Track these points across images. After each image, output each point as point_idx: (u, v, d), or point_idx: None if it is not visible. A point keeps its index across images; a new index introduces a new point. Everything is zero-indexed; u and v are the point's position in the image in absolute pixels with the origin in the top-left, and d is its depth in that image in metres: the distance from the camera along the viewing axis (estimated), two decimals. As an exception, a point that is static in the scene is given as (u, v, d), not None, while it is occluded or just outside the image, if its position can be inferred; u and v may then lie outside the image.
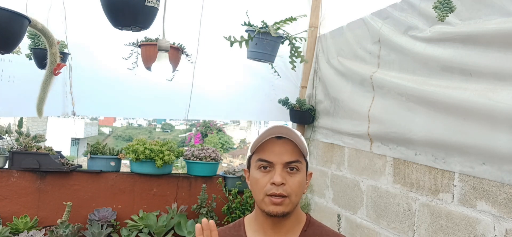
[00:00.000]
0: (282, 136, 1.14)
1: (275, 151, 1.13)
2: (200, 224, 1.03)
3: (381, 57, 2.23)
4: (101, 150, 3.15)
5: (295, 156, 1.13)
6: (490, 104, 1.54)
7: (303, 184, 1.16)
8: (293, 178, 1.13)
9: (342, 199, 2.58)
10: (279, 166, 1.12)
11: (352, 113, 2.45)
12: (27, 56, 2.62)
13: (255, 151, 1.17)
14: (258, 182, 1.14)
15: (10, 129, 3.03)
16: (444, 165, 1.80)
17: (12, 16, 1.34)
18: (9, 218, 2.87)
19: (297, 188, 1.13)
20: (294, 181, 1.13)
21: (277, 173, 1.11)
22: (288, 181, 1.12)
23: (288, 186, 1.12)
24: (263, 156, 1.14)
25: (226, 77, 3.14)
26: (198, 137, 15.42)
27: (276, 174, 1.11)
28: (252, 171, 1.18)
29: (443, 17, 1.36)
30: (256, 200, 1.17)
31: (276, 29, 2.26)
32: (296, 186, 1.13)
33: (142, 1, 1.43)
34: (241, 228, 1.25)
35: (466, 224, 1.69)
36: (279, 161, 1.12)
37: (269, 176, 1.13)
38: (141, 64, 2.53)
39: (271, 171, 1.13)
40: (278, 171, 1.12)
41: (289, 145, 1.14)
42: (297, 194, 1.14)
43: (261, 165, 1.14)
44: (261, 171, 1.14)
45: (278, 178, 1.10)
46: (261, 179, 1.14)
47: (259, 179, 1.14)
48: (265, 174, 1.14)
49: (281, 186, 1.11)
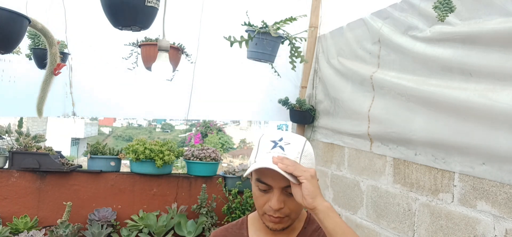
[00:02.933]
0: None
1: (273, 175, 1.07)
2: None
3: (381, 57, 2.23)
4: (101, 150, 3.15)
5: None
6: (490, 104, 1.54)
7: None
8: (292, 200, 1.08)
9: (342, 199, 2.58)
10: (277, 190, 1.09)
11: (352, 113, 2.45)
12: (27, 56, 2.61)
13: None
14: (257, 200, 1.13)
15: (10, 129, 3.03)
16: (444, 165, 1.80)
17: (12, 16, 1.34)
18: (9, 218, 2.87)
19: (296, 207, 1.12)
20: (293, 203, 1.09)
21: (274, 198, 1.08)
22: (287, 203, 1.10)
23: (287, 207, 1.10)
24: (261, 178, 1.10)
25: (226, 77, 3.14)
26: (198, 137, 15.42)
27: (274, 199, 1.08)
28: (253, 184, 1.15)
29: (443, 17, 1.36)
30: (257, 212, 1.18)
31: (276, 29, 2.25)
32: (295, 206, 1.11)
33: (142, 1, 1.43)
34: (244, 226, 1.26)
35: (466, 224, 1.69)
36: (276, 186, 1.08)
37: (267, 197, 1.10)
38: (141, 64, 2.52)
39: (269, 193, 1.10)
40: (276, 195, 1.08)
41: None
42: (297, 212, 1.14)
43: (260, 186, 1.11)
44: (259, 190, 1.12)
45: (276, 204, 1.08)
46: (260, 198, 1.12)
47: (258, 197, 1.13)
48: (263, 193, 1.11)
49: (280, 210, 1.09)
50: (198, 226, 3.03)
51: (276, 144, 1.10)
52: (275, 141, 1.11)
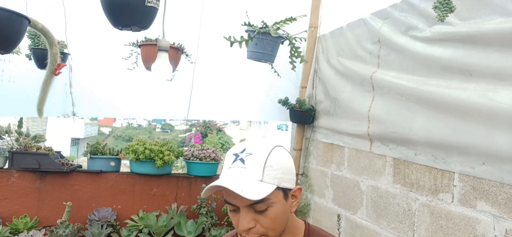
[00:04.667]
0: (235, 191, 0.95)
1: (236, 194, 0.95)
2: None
3: (381, 57, 2.23)
4: (101, 150, 3.15)
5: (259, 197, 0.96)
6: (490, 104, 1.54)
7: (281, 213, 1.00)
8: (264, 216, 0.98)
9: (342, 199, 2.58)
10: (244, 210, 0.98)
11: (352, 113, 2.45)
12: (27, 56, 2.62)
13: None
14: (232, 220, 1.03)
15: (10, 129, 3.03)
16: (444, 165, 1.80)
17: (12, 16, 1.34)
18: (9, 218, 2.87)
19: (271, 223, 0.99)
20: (266, 219, 0.98)
21: (242, 218, 0.98)
22: (259, 220, 0.99)
23: (259, 225, 0.99)
24: (227, 198, 1.00)
25: (226, 77, 3.14)
26: (198, 137, 15.42)
27: (241, 220, 0.98)
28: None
29: (443, 17, 1.36)
30: None
31: (276, 29, 2.25)
32: (270, 222, 0.99)
33: (142, 1, 1.43)
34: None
35: (466, 224, 1.69)
36: (242, 204, 0.98)
37: (237, 217, 1.00)
38: (141, 64, 2.52)
39: (239, 212, 1.00)
40: (243, 215, 0.98)
41: None
42: (275, 228, 1.01)
43: (228, 207, 1.02)
44: (230, 210, 1.02)
45: (244, 224, 0.97)
46: (233, 218, 1.03)
47: (232, 218, 1.03)
48: (234, 214, 1.01)
49: (251, 230, 0.98)
50: (198, 226, 3.03)
51: (237, 157, 1.00)
52: (236, 154, 1.00)
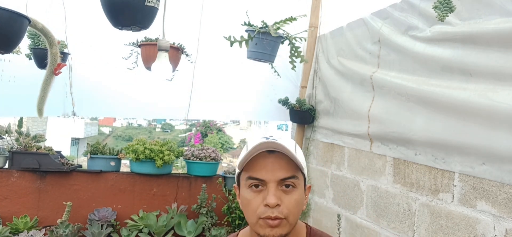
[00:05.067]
0: (274, 150, 0.98)
1: (267, 167, 0.97)
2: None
3: (381, 57, 2.23)
4: (101, 150, 3.15)
5: (290, 172, 0.98)
6: (490, 104, 1.54)
7: (301, 201, 1.01)
8: (289, 197, 0.98)
9: (342, 199, 2.57)
10: (272, 184, 0.97)
11: (352, 113, 2.45)
12: (27, 56, 2.62)
13: (243, 168, 1.01)
14: (250, 204, 0.99)
15: (10, 129, 3.03)
16: (444, 165, 1.80)
17: (12, 16, 1.34)
18: (9, 218, 2.87)
19: (294, 207, 0.98)
20: (291, 200, 0.98)
21: (270, 193, 0.96)
22: (284, 201, 0.97)
23: (284, 206, 0.97)
24: (253, 174, 0.99)
25: (226, 77, 3.14)
26: (198, 137, 15.40)
27: (269, 194, 0.96)
28: (243, 190, 1.02)
29: (443, 17, 1.36)
30: (249, 223, 1.02)
31: (276, 29, 2.26)
32: (293, 205, 0.98)
33: (142, 1, 1.43)
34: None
35: (466, 224, 1.69)
36: (272, 179, 0.97)
37: (261, 196, 0.98)
38: (141, 64, 2.53)
39: (263, 191, 0.98)
40: (272, 190, 0.97)
41: (283, 159, 0.98)
42: (295, 215, 0.99)
43: (252, 183, 0.99)
44: (252, 191, 0.99)
45: (272, 199, 0.95)
46: (253, 200, 0.99)
47: (251, 200, 0.99)
48: (257, 194, 0.98)
49: (276, 208, 0.96)
50: (198, 226, 3.03)
51: (268, 138, 1.00)
52: (266, 137, 1.01)
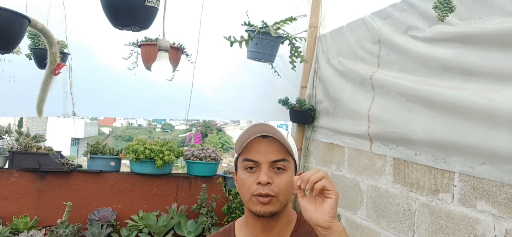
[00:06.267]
0: (267, 134, 1.12)
1: (261, 150, 1.11)
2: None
3: (381, 57, 2.23)
4: (101, 150, 3.15)
5: (281, 155, 1.12)
6: (490, 104, 1.54)
7: (290, 183, 1.12)
8: (280, 178, 1.11)
9: (342, 199, 2.57)
10: (265, 165, 1.10)
11: (352, 113, 2.45)
12: (27, 56, 2.62)
13: (240, 152, 1.16)
14: (244, 183, 1.13)
15: (10, 129, 3.03)
16: (444, 165, 1.80)
17: (12, 16, 1.34)
18: (9, 218, 2.87)
19: (284, 187, 1.11)
20: (281, 181, 1.11)
21: (263, 173, 1.10)
22: (275, 180, 1.10)
23: (275, 185, 1.10)
24: (248, 156, 1.13)
25: (226, 77, 3.14)
26: (198, 137, 15.39)
27: (261, 174, 1.09)
28: (239, 172, 1.16)
29: (443, 17, 1.36)
30: (244, 201, 1.16)
31: (276, 29, 2.26)
32: (284, 185, 1.11)
33: (142, 1, 1.43)
34: (231, 233, 1.23)
35: (466, 224, 1.69)
36: (265, 160, 1.11)
37: (255, 176, 1.11)
38: (141, 64, 2.52)
39: (257, 171, 1.11)
40: (264, 170, 1.10)
41: (275, 143, 1.12)
42: (285, 194, 1.12)
43: (247, 165, 1.13)
44: (247, 172, 1.13)
45: (264, 177, 1.09)
46: (247, 179, 1.12)
47: (245, 180, 1.12)
48: (251, 174, 1.12)
49: (268, 186, 1.09)
50: (198, 226, 3.03)
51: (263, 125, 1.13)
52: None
